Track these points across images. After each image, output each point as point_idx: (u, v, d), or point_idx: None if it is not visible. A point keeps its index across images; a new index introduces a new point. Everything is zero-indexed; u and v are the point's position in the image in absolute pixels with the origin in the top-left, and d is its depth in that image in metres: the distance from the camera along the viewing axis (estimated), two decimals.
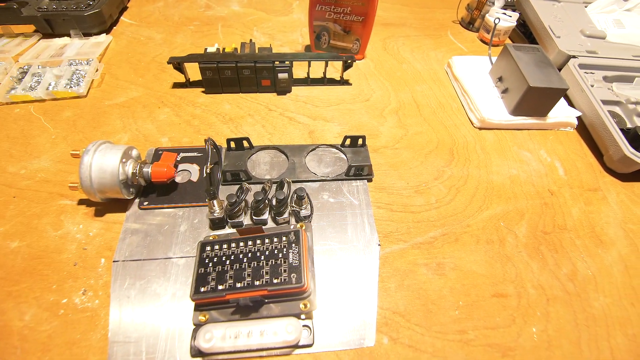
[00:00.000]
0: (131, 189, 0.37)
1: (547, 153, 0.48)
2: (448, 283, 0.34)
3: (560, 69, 0.56)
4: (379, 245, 0.36)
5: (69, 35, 0.59)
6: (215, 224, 0.36)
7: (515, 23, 0.64)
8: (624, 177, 0.46)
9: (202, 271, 0.30)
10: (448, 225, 0.39)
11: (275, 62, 0.49)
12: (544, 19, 0.61)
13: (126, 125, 0.46)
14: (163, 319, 0.30)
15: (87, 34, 0.60)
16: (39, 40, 0.58)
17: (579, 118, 0.52)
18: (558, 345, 0.31)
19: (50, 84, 0.49)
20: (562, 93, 0.47)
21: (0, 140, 0.44)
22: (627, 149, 0.44)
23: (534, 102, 0.48)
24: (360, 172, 0.41)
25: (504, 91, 0.52)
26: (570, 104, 0.54)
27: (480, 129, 0.50)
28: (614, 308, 0.34)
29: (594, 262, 0.37)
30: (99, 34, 0.60)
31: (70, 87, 0.49)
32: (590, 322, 0.33)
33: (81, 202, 0.38)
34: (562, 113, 0.51)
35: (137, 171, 0.36)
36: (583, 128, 0.52)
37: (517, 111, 0.49)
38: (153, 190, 0.39)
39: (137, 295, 0.32)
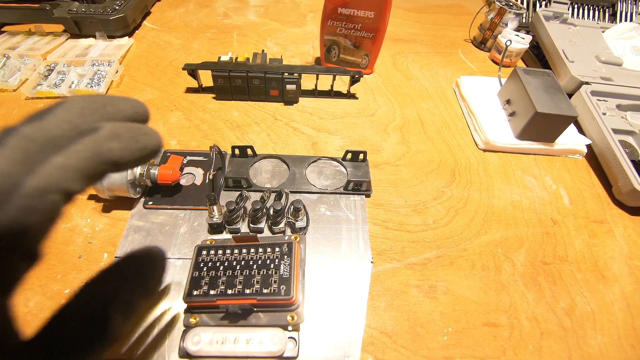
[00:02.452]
0: (138, 189, 0.39)
1: (552, 180, 0.47)
2: (439, 307, 0.34)
3: (571, 95, 0.56)
4: (372, 262, 0.36)
5: (94, 37, 0.62)
6: (214, 228, 0.37)
7: (528, 45, 0.64)
8: (633, 211, 0.45)
9: (197, 275, 0.30)
10: (444, 247, 0.39)
11: (285, 74, 0.50)
12: (558, 43, 0.61)
13: None
14: (156, 317, 0.31)
15: (111, 37, 0.63)
16: (66, 40, 0.62)
17: (588, 146, 0.51)
18: None
19: (73, 82, 0.52)
20: (571, 121, 0.46)
21: None
22: (637, 182, 0.43)
23: (541, 127, 0.48)
24: (358, 187, 0.41)
25: (511, 114, 0.51)
26: (581, 130, 0.53)
27: (484, 150, 0.50)
28: (612, 348, 0.33)
29: (594, 298, 0.36)
30: (122, 37, 0.63)
31: (91, 86, 0.51)
32: None
33: (91, 197, 0.40)
34: (571, 140, 0.50)
35: (145, 172, 0.37)
36: (593, 157, 0.51)
37: (523, 135, 0.49)
38: (158, 191, 0.40)
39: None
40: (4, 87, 0.51)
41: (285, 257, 0.31)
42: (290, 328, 0.30)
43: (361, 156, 0.44)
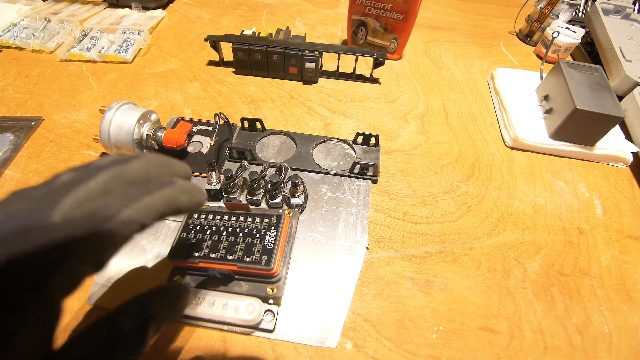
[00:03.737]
0: (145, 150, 0.40)
1: (586, 187, 0.42)
2: (432, 303, 0.32)
3: (622, 97, 0.49)
4: (367, 248, 0.35)
5: (130, 7, 0.64)
6: (212, 195, 0.37)
7: (580, 40, 0.57)
8: None
9: (184, 236, 0.30)
10: (448, 243, 0.36)
11: (305, 51, 0.49)
12: (615, 40, 0.54)
13: (158, 93, 0.50)
14: (144, 273, 0.32)
15: (145, 8, 0.65)
16: (104, 9, 0.65)
17: (635, 154, 0.45)
18: None
19: (103, 48, 0.54)
20: (616, 122, 0.41)
21: (53, 91, 0.49)
22: None
23: (580, 127, 0.42)
24: (365, 171, 0.40)
25: (548, 111, 0.46)
26: (629, 137, 0.47)
27: (512, 148, 0.46)
28: None
29: (614, 319, 0.32)
30: (156, 9, 0.65)
31: (119, 52, 0.53)
32: None
33: (102, 154, 0.42)
34: (615, 145, 0.45)
35: (152, 134, 0.38)
36: (639, 166, 0.45)
37: (558, 135, 0.44)
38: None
39: (126, 247, 0.34)
40: (42, 49, 0.54)
41: (272, 228, 0.30)
42: (271, 301, 0.29)
43: (372, 140, 0.42)
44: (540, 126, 0.47)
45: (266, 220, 0.31)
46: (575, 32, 0.58)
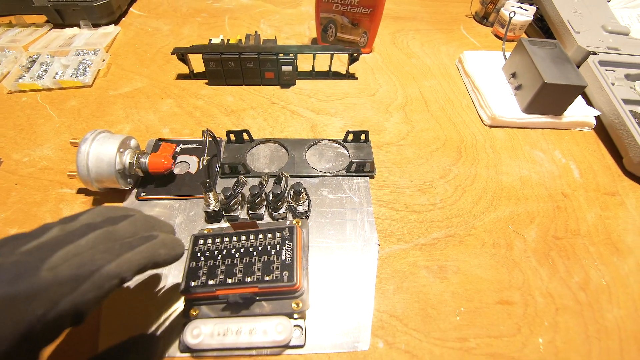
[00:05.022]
0: (129, 179, 0.37)
1: (561, 154, 0.46)
2: (450, 287, 0.33)
3: (579, 66, 0.53)
4: (379, 244, 0.35)
5: (78, 26, 0.59)
6: (211, 217, 0.35)
7: (532, 17, 0.61)
8: None
9: (194, 265, 0.29)
10: (452, 226, 0.37)
11: (280, 54, 0.48)
12: (563, 13, 0.58)
13: (129, 116, 0.46)
14: (155, 312, 0.30)
15: (96, 25, 0.60)
16: (49, 30, 0.59)
17: (597, 118, 0.49)
18: (566, 357, 0.29)
19: (57, 73, 0.49)
20: (580, 91, 0.44)
21: (6, 128, 0.44)
22: None
23: (549, 99, 0.46)
24: (361, 168, 0.40)
25: (518, 88, 0.49)
26: (589, 102, 0.51)
27: (490, 126, 0.48)
28: (628, 321, 0.32)
29: (608, 271, 0.35)
30: (107, 24, 0.61)
31: (77, 76, 0.49)
32: (602, 335, 0.31)
33: (80, 190, 0.38)
34: (579, 112, 0.48)
35: (135, 161, 0.35)
36: (602, 129, 0.49)
37: (530, 109, 0.47)
38: (151, 181, 0.38)
39: (130, 284, 0.31)
40: None
41: (287, 242, 0.29)
42: (295, 316, 0.29)
43: (363, 137, 0.42)
44: (513, 102, 0.49)
45: (278, 234, 0.30)
46: (527, 10, 0.61)
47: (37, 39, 0.56)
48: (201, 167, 0.40)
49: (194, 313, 0.28)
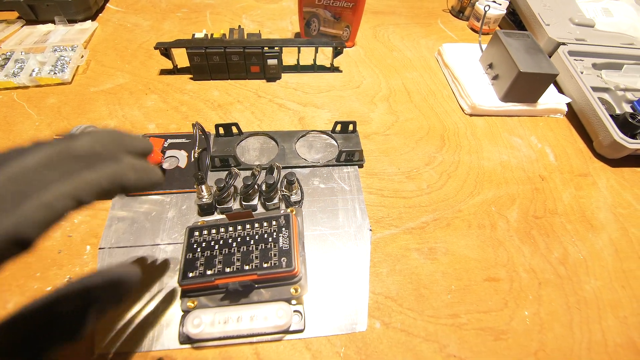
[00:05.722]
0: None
1: (537, 139, 0.48)
2: (440, 267, 0.34)
3: (550, 56, 0.56)
4: (371, 230, 0.36)
5: (53, 22, 0.57)
6: (204, 209, 0.35)
7: (505, 11, 0.64)
8: (614, 163, 0.46)
9: (190, 256, 0.29)
10: (439, 210, 0.39)
11: (265, 48, 0.48)
12: (534, 7, 0.61)
13: (112, 112, 0.45)
14: (150, 306, 0.30)
15: (72, 21, 0.58)
16: (22, 26, 0.56)
17: (568, 105, 0.52)
18: (550, 328, 0.32)
19: (33, 70, 0.47)
20: (552, 78, 0.47)
21: None
22: (617, 135, 0.44)
23: (525, 88, 0.48)
24: (351, 157, 0.41)
25: (495, 77, 0.51)
26: (560, 90, 0.54)
27: (470, 115, 0.50)
28: (604, 291, 0.34)
29: (584, 246, 0.38)
30: (84, 20, 0.59)
31: (55, 73, 0.47)
32: (582, 305, 0.33)
33: None
34: (552, 99, 0.51)
35: None
36: (573, 115, 0.52)
37: (507, 97, 0.49)
38: None
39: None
40: None
41: (284, 229, 0.30)
42: (294, 302, 0.29)
43: (351, 127, 0.43)
44: (490, 92, 0.52)
45: (274, 222, 0.30)
46: (500, 5, 0.64)
47: (9, 36, 0.54)
48: (191, 160, 0.39)
49: (192, 304, 0.28)
